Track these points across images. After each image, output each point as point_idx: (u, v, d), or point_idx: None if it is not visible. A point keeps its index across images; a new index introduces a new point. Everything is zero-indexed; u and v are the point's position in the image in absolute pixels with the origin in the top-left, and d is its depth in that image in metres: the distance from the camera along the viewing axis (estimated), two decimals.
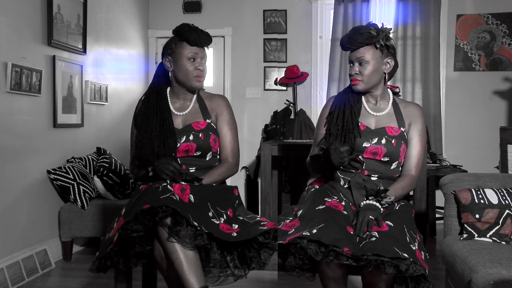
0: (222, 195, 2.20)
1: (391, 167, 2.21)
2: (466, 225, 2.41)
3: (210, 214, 2.05)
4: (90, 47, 4.26)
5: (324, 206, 2.02)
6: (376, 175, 2.19)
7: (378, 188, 2.11)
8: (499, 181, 2.55)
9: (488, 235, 2.36)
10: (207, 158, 2.33)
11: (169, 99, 2.37)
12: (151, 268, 2.39)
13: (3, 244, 3.21)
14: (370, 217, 1.94)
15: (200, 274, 1.98)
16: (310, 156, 2.34)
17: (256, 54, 5.51)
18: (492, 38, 5.11)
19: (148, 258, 2.14)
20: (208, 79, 5.43)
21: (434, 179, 4.52)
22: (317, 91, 5.43)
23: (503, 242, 2.33)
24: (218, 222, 2.04)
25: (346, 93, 2.29)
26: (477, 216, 2.37)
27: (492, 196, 2.40)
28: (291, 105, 5.41)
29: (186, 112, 2.36)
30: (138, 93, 5.19)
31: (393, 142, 2.18)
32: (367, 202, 2.04)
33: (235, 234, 2.02)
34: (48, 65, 3.67)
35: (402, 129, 2.22)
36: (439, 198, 4.49)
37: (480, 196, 2.41)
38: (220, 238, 1.98)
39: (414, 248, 1.89)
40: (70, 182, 3.68)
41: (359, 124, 2.20)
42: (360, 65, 2.18)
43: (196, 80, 2.30)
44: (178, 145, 2.26)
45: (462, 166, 4.49)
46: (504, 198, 2.39)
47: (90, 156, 4.08)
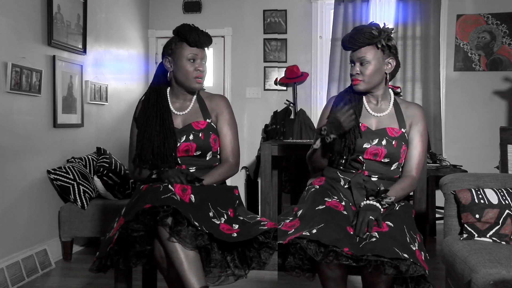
0: (222, 195, 2.20)
1: (392, 168, 2.21)
2: (466, 225, 2.41)
3: (211, 214, 2.05)
4: (90, 47, 4.26)
5: (324, 206, 2.02)
6: (376, 176, 2.18)
7: (379, 188, 2.11)
8: (499, 181, 2.55)
9: (488, 235, 2.36)
10: (207, 158, 2.33)
11: (169, 99, 2.37)
12: (151, 268, 2.39)
13: (3, 244, 3.21)
14: (370, 217, 1.94)
15: (200, 274, 1.98)
16: (309, 152, 2.32)
17: (256, 54, 5.51)
18: (492, 38, 5.11)
19: (148, 258, 2.14)
20: (208, 79, 5.43)
21: (434, 179, 4.52)
22: (317, 91, 5.43)
23: (503, 242, 2.33)
24: (218, 222, 2.04)
25: (347, 93, 2.29)
26: (477, 216, 2.37)
27: (492, 196, 2.40)
28: (291, 105, 5.41)
29: (186, 111, 2.36)
30: (138, 93, 5.19)
31: (393, 143, 2.17)
32: (367, 202, 2.04)
33: (235, 235, 2.02)
34: (48, 65, 3.67)
35: (403, 130, 2.22)
36: (439, 198, 4.49)
37: (480, 196, 2.41)
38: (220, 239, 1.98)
39: (414, 248, 1.89)
40: (70, 182, 3.68)
41: (360, 124, 2.20)
42: (361, 65, 2.17)
43: (195, 82, 2.30)
44: (178, 144, 2.27)
45: (462, 166, 4.49)
46: (504, 198, 2.39)
47: (90, 156, 4.08)
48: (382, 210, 2.03)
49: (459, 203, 2.45)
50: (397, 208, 2.10)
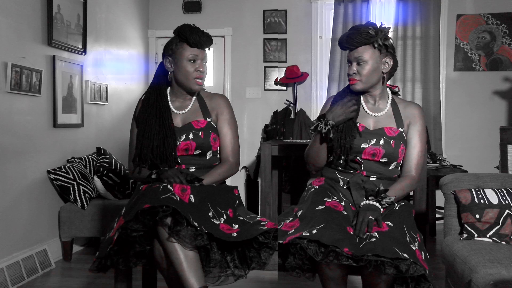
0: (222, 195, 2.20)
1: (390, 168, 2.20)
2: (466, 225, 2.41)
3: (210, 214, 2.05)
4: (90, 47, 4.26)
5: (324, 207, 2.02)
6: (375, 176, 2.18)
7: (378, 188, 2.11)
8: (499, 181, 2.55)
9: (488, 235, 2.36)
10: (207, 157, 2.33)
11: (169, 98, 2.37)
12: (151, 268, 2.39)
13: (3, 244, 3.21)
14: (370, 217, 1.94)
15: (200, 274, 1.98)
16: (307, 149, 2.32)
17: (256, 54, 5.51)
18: (492, 38, 5.11)
19: (148, 258, 2.14)
20: (208, 79, 5.43)
21: (434, 179, 4.52)
22: (317, 91, 5.43)
23: (503, 242, 2.33)
24: (218, 222, 2.04)
25: (345, 92, 2.29)
26: (477, 216, 2.37)
27: (492, 196, 2.40)
28: (291, 105, 5.41)
29: (186, 110, 2.36)
30: (138, 93, 5.19)
31: (391, 143, 2.17)
32: (367, 202, 2.04)
33: (235, 234, 2.02)
34: (48, 65, 3.67)
35: (400, 129, 2.22)
36: (439, 198, 4.50)
37: (480, 196, 2.41)
38: (220, 238, 1.98)
39: (414, 248, 1.89)
40: (70, 182, 3.68)
41: (358, 124, 2.20)
42: (358, 64, 2.17)
43: (195, 83, 2.30)
44: (178, 143, 2.27)
45: (462, 166, 4.49)
46: (504, 198, 2.39)
47: (90, 156, 4.08)
48: (382, 210, 2.03)
49: (459, 203, 2.45)
50: (397, 208, 2.10)
